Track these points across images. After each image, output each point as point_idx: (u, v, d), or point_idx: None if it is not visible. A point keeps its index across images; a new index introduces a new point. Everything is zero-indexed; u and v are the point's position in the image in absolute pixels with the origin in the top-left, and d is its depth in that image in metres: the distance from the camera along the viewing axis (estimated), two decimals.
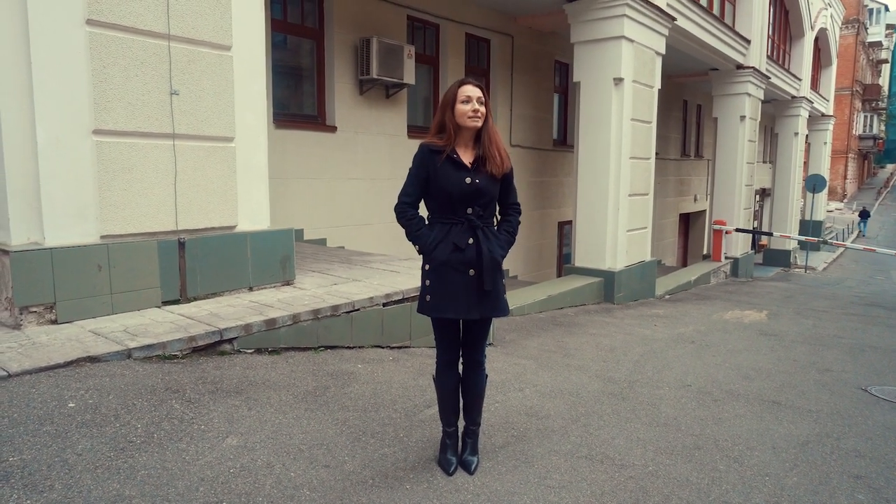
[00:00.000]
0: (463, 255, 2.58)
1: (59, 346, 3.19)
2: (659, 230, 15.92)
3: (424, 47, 9.10)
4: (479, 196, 2.59)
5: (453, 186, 2.56)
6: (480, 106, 2.56)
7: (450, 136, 2.58)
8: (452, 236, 2.58)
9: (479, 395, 2.87)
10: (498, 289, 2.66)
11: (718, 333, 7.00)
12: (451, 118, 2.57)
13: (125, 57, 3.76)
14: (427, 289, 2.66)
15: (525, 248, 11.24)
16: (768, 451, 3.45)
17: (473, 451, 2.88)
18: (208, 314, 3.87)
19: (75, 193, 3.65)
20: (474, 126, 2.57)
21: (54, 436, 2.48)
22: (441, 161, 2.58)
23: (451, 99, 2.57)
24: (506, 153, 2.63)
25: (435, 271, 2.62)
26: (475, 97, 2.55)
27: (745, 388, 4.72)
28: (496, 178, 2.61)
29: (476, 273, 2.59)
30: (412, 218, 2.66)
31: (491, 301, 2.64)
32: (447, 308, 2.62)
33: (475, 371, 2.83)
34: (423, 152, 2.62)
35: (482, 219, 2.62)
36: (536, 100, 11.14)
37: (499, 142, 2.61)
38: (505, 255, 2.69)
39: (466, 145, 2.63)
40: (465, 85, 2.58)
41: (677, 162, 16.82)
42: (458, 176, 2.56)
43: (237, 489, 2.37)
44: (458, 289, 2.59)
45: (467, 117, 2.55)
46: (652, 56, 9.30)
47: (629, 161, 8.99)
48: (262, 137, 4.59)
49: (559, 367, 5.01)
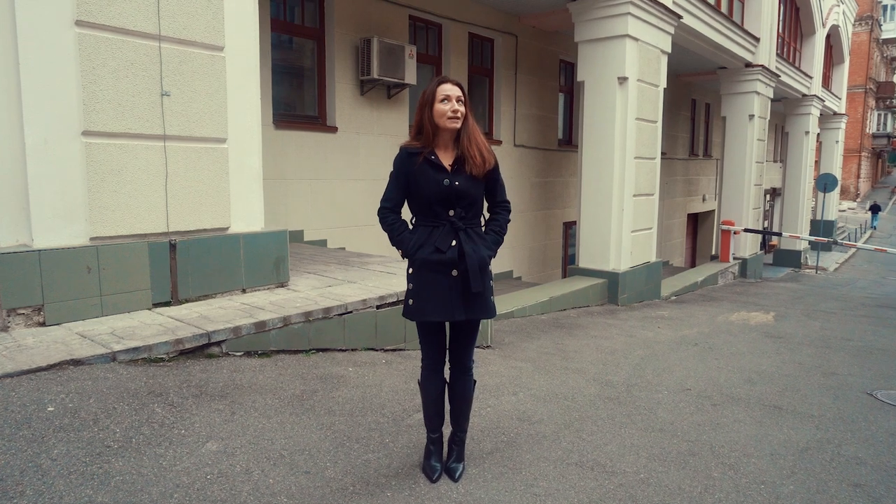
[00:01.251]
0: (445, 257, 2.51)
1: (44, 348, 3.17)
2: (666, 231, 15.78)
3: (427, 47, 9.06)
4: (460, 198, 2.52)
5: (431, 189, 2.50)
6: (460, 105, 2.49)
7: (427, 138, 2.52)
8: (434, 239, 2.51)
9: (466, 402, 2.79)
10: (485, 290, 2.59)
11: (723, 336, 6.89)
12: (429, 118, 2.50)
13: (115, 58, 3.74)
14: (410, 292, 2.61)
15: (529, 249, 11.16)
16: (766, 457, 3.37)
17: (459, 459, 2.82)
18: (198, 316, 3.84)
19: (64, 195, 3.64)
20: (453, 127, 2.50)
21: (30, 440, 2.46)
22: (419, 163, 2.51)
23: (430, 98, 2.50)
24: (489, 151, 2.56)
25: (418, 274, 2.57)
26: (454, 96, 2.48)
27: (746, 392, 4.63)
28: (478, 178, 2.54)
29: (460, 274, 2.53)
30: (393, 223, 2.61)
31: (477, 303, 2.58)
32: (431, 311, 2.56)
33: (462, 377, 2.75)
34: (402, 155, 2.56)
35: (465, 220, 2.55)
36: (541, 99, 11.07)
37: (479, 141, 2.54)
38: (492, 256, 2.63)
39: (447, 146, 2.56)
40: (444, 84, 2.51)
41: (685, 161, 16.66)
42: (437, 178, 2.50)
43: (212, 496, 2.33)
44: (442, 291, 2.53)
45: (446, 118, 2.48)
46: (657, 55, 9.19)
47: (634, 161, 8.89)
48: (255, 138, 4.56)
49: (557, 370, 4.94)
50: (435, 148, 2.54)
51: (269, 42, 6.92)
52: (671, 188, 15.80)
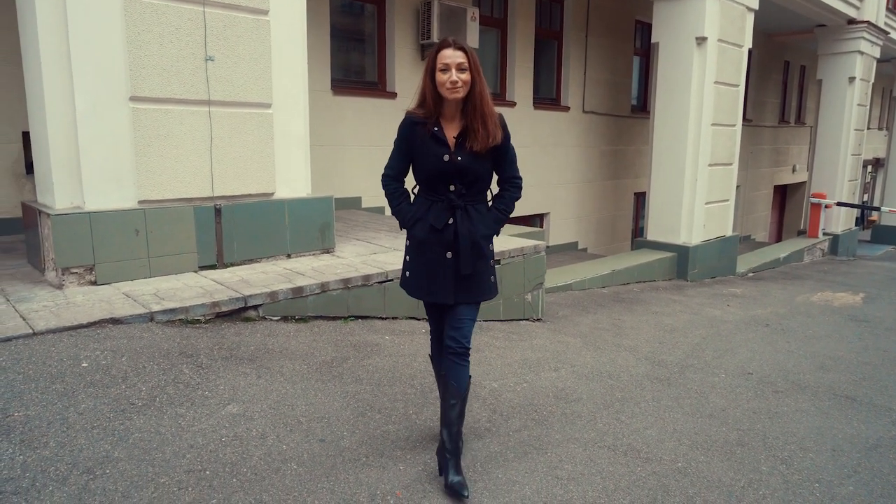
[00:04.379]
0: (441, 235, 2.36)
1: (89, 306, 3.30)
2: (749, 203, 14.80)
3: (492, 10, 8.74)
4: (460, 174, 2.33)
5: (430, 163, 2.33)
6: (461, 74, 2.23)
7: (428, 108, 2.32)
8: (431, 215, 2.36)
9: (454, 395, 2.40)
10: (479, 272, 2.42)
11: (800, 317, 6.38)
12: (429, 88, 2.29)
13: (160, 23, 3.78)
14: (406, 264, 2.50)
15: (597, 220, 10.76)
16: (826, 453, 3.06)
17: (459, 471, 2.38)
18: (239, 280, 3.90)
19: (113, 159, 3.74)
20: (454, 98, 2.28)
21: (61, 394, 2.56)
22: (422, 135, 2.34)
23: (430, 66, 2.28)
24: (495, 124, 2.32)
25: (413, 249, 2.45)
26: (454, 64, 2.23)
27: (815, 379, 4.25)
28: (482, 153, 2.33)
29: (454, 255, 2.37)
30: (394, 192, 2.47)
31: (471, 285, 2.41)
32: (421, 289, 2.44)
33: (452, 363, 2.41)
34: (405, 124, 2.38)
35: (465, 197, 2.36)
36: (614, 63, 10.50)
37: (486, 112, 2.29)
38: (491, 233, 2.44)
39: (453, 116, 2.35)
40: (444, 49, 2.25)
41: (774, 129, 15.46)
42: (437, 152, 2.32)
43: (224, 458, 2.35)
44: (434, 271, 2.39)
45: (446, 88, 2.26)
46: (742, 12, 8.46)
47: (711, 128, 8.29)
48: (301, 104, 4.53)
49: (607, 346, 4.72)
50: (441, 118, 2.35)
51: (328, 6, 6.86)
52: (757, 158, 14.74)
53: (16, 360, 2.72)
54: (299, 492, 2.23)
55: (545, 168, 9.60)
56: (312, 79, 6.11)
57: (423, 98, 2.33)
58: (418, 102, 2.37)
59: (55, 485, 2.07)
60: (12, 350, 2.80)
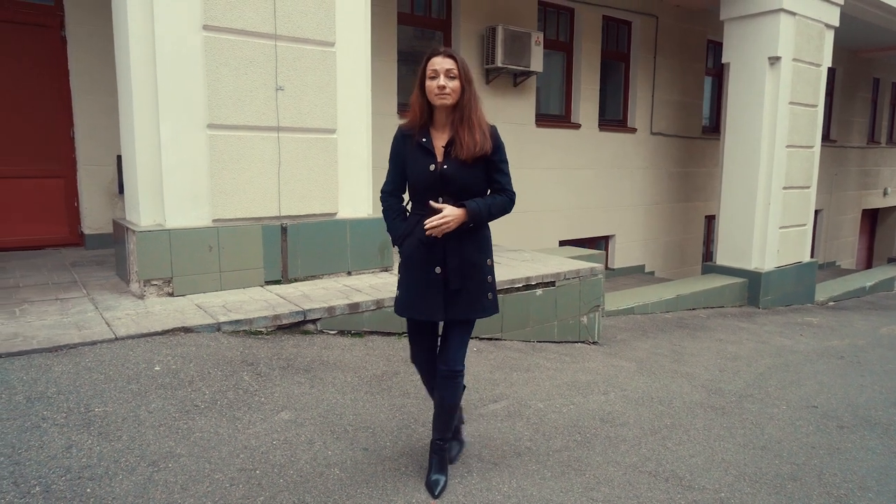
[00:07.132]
0: (429, 250, 2.36)
1: (164, 316, 3.61)
2: (833, 228, 14.01)
3: (557, 33, 8.83)
4: (447, 184, 2.31)
5: (417, 174, 2.35)
6: (449, 81, 2.25)
7: (414, 117, 2.35)
8: (419, 230, 2.36)
9: (445, 409, 2.48)
10: (468, 287, 2.38)
11: (881, 350, 6.01)
12: (417, 97, 2.32)
13: (236, 57, 4.12)
14: (399, 283, 2.51)
15: (665, 244, 10.51)
16: (887, 495, 2.91)
17: (439, 470, 2.52)
18: (301, 295, 4.14)
19: (191, 181, 4.09)
20: (442, 104, 2.29)
21: (136, 393, 2.82)
22: (411, 146, 2.38)
23: (421, 75, 2.30)
24: (484, 133, 2.30)
25: (403, 265, 2.47)
26: (442, 70, 2.25)
27: (888, 416, 4.02)
28: (469, 163, 2.30)
29: (443, 271, 2.36)
30: (389, 208, 2.51)
31: (461, 301, 2.38)
32: (412, 307, 2.42)
33: (446, 381, 2.45)
34: (396, 137, 2.44)
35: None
36: (684, 84, 10.32)
37: (475, 120, 2.28)
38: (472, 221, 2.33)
39: (444, 125, 2.35)
40: (434, 57, 2.27)
41: (862, 150, 14.61)
42: (424, 162, 2.34)
43: (273, 460, 2.52)
44: (423, 288, 2.38)
45: (434, 94, 2.29)
46: (820, 30, 8.15)
47: (785, 150, 8.01)
48: (364, 128, 4.77)
49: (663, 372, 4.64)
50: (431, 127, 2.37)
51: (395, 34, 7.16)
52: (842, 180, 13.97)
53: (99, 362, 3.02)
54: (339, 495, 2.37)
55: (610, 190, 9.52)
56: (379, 103, 6.39)
57: (413, 108, 2.37)
58: (410, 114, 2.40)
59: (124, 474, 2.30)
60: (97, 353, 3.11)
